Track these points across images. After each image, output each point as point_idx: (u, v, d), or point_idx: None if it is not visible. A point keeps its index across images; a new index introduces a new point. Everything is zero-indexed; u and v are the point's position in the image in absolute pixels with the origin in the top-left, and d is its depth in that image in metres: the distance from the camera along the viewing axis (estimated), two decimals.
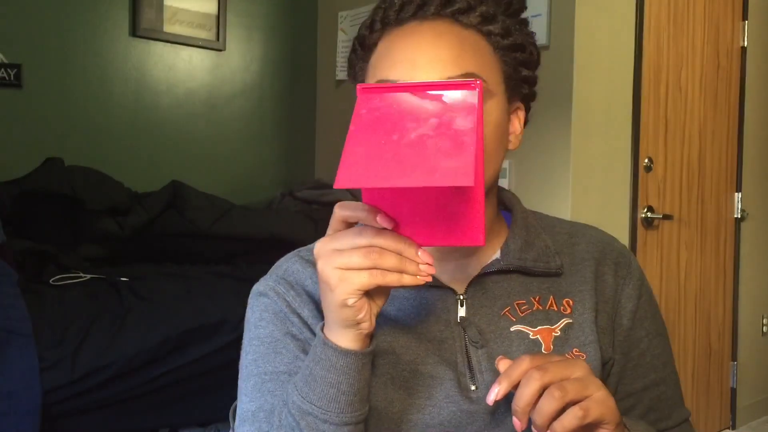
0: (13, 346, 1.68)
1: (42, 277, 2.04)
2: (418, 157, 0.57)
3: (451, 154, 0.56)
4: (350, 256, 0.62)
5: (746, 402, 3.41)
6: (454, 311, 0.81)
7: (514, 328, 0.81)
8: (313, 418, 0.70)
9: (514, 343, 0.80)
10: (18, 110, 2.57)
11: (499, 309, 0.81)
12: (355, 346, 0.68)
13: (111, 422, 1.85)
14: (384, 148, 0.58)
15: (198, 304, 1.96)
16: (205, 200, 2.52)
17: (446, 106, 0.60)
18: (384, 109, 0.62)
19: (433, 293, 0.82)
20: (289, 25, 3.29)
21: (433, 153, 0.56)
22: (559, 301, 0.83)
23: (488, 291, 0.82)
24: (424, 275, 0.62)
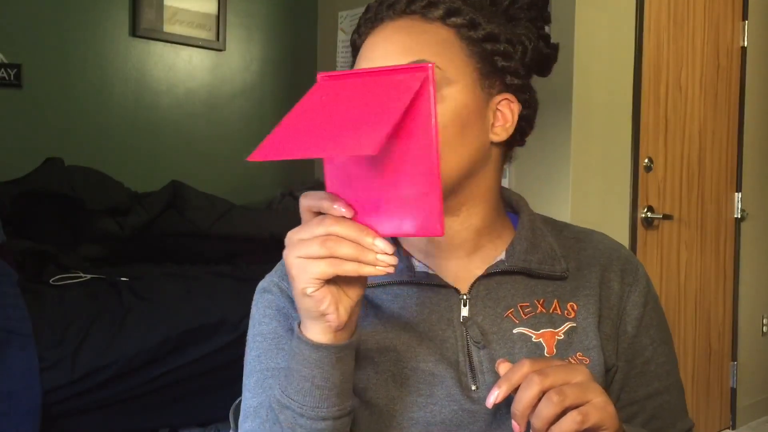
0: (13, 346, 1.68)
1: (42, 277, 2.04)
2: (336, 132, 0.57)
3: (369, 128, 0.56)
4: (309, 245, 0.62)
5: (746, 402, 3.41)
6: (457, 310, 0.81)
7: (516, 330, 0.81)
8: (291, 412, 0.70)
9: (516, 345, 0.80)
10: (18, 110, 2.57)
11: (502, 310, 0.81)
12: (325, 340, 0.67)
13: (111, 422, 1.85)
14: (309, 125, 0.59)
15: (198, 304, 1.96)
16: (205, 200, 2.52)
17: (390, 89, 0.60)
18: (332, 94, 0.63)
19: (437, 292, 0.82)
20: (289, 25, 3.29)
21: (352, 128, 0.57)
22: (563, 305, 0.83)
23: (492, 292, 0.82)
24: (383, 265, 0.62)
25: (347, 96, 0.62)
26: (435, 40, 0.78)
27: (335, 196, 0.63)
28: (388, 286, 0.82)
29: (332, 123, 0.59)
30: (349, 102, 0.61)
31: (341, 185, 0.63)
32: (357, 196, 0.62)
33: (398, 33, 0.79)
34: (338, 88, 0.63)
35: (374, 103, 0.59)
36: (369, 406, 0.78)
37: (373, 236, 0.62)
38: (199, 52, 3.01)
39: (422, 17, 0.79)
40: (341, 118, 0.59)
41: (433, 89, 0.59)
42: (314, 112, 0.61)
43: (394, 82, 0.60)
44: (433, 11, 0.79)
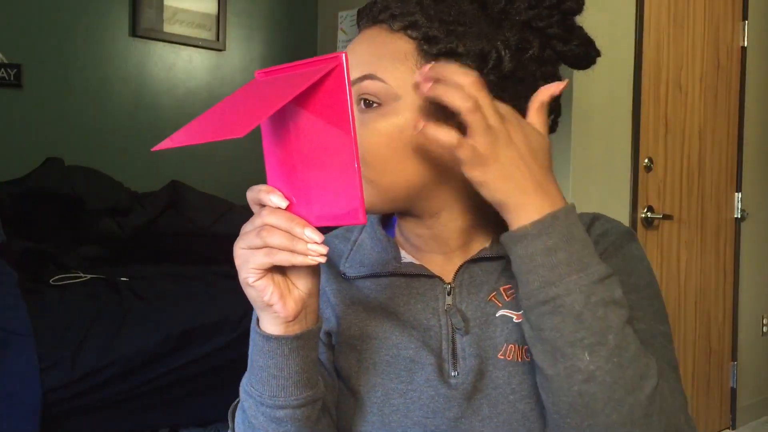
0: (13, 346, 1.68)
1: (42, 277, 2.04)
2: (224, 119, 0.59)
3: (250, 113, 0.57)
4: (249, 237, 0.65)
5: (746, 402, 3.42)
6: (442, 299, 0.82)
7: (499, 313, 0.81)
8: (253, 401, 0.72)
9: (498, 327, 0.80)
10: (18, 110, 2.57)
11: (485, 295, 0.82)
12: (276, 331, 0.69)
13: (111, 422, 1.85)
14: (213, 116, 0.61)
15: (198, 304, 1.96)
16: (205, 200, 2.52)
17: (303, 79, 0.61)
18: (257, 88, 0.64)
19: (423, 282, 0.83)
20: (289, 25, 3.30)
21: (238, 115, 0.59)
22: None
23: (475, 278, 0.83)
24: (313, 254, 0.63)
25: (265, 88, 0.63)
26: (392, 53, 0.77)
27: (272, 188, 0.65)
28: (376, 278, 0.84)
29: (229, 111, 0.61)
30: (260, 93, 0.63)
31: (279, 177, 0.65)
32: (292, 187, 0.65)
33: (362, 44, 0.79)
34: (266, 82, 0.65)
35: (278, 92, 0.61)
36: (353, 393, 0.80)
37: (302, 226, 0.63)
38: (199, 52, 3.01)
39: (389, 28, 0.79)
40: (239, 107, 0.61)
41: (347, 78, 0.61)
42: (226, 104, 0.63)
43: (310, 72, 0.62)
44: (394, 22, 0.79)
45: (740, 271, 3.37)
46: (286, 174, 0.65)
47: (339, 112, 0.61)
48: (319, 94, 0.61)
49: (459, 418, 0.78)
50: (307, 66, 0.63)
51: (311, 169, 0.63)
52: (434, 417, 0.78)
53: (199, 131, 0.59)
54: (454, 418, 0.78)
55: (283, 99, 0.59)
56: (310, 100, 0.62)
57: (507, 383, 0.78)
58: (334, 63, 0.61)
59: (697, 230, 3.13)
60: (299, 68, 0.64)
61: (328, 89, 0.61)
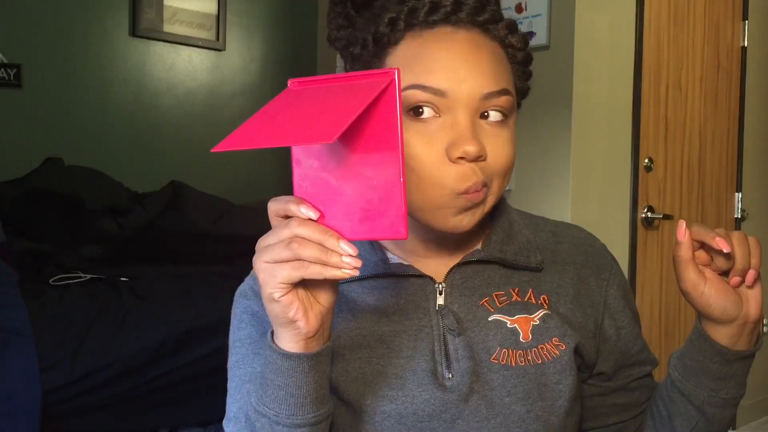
0: (13, 346, 1.68)
1: (42, 277, 2.04)
2: (298, 124, 0.58)
3: (329, 121, 0.56)
4: (275, 249, 0.62)
5: (746, 402, 3.41)
6: (433, 299, 0.81)
7: (492, 317, 0.81)
8: (267, 420, 0.70)
9: (491, 331, 0.80)
10: (18, 110, 2.57)
11: (477, 299, 0.82)
12: (296, 348, 0.66)
13: (111, 422, 1.85)
14: (275, 121, 0.60)
15: (198, 304, 1.96)
16: (205, 200, 2.52)
17: (356, 91, 0.60)
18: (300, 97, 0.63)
19: (413, 283, 0.82)
20: (289, 25, 3.29)
21: (313, 121, 0.57)
22: (537, 296, 0.84)
23: (467, 280, 0.82)
24: (348, 267, 0.61)
25: (313, 97, 0.62)
26: (504, 65, 0.76)
27: (301, 199, 0.63)
28: (363, 280, 0.82)
29: (296, 118, 0.59)
30: (314, 101, 0.61)
31: (308, 188, 0.63)
32: (323, 199, 0.63)
33: (480, 51, 0.74)
34: (306, 92, 0.64)
35: (338, 102, 0.60)
36: (343, 402, 0.78)
37: (337, 238, 0.61)
38: (199, 52, 3.01)
39: (485, 32, 0.76)
40: (305, 114, 0.60)
41: (399, 93, 0.60)
42: (280, 110, 0.61)
43: (360, 86, 0.60)
44: (497, 28, 0.76)
45: None
46: (317, 185, 0.63)
47: (387, 126, 0.60)
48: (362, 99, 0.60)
49: (456, 419, 0.77)
50: (353, 79, 0.62)
51: (348, 180, 0.61)
52: (430, 420, 0.77)
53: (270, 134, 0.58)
54: (450, 420, 0.77)
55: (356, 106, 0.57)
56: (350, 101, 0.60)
57: (502, 386, 0.78)
58: (387, 79, 0.60)
59: None
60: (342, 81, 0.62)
61: (377, 103, 0.60)
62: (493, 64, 0.74)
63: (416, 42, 0.75)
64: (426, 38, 0.74)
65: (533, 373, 0.79)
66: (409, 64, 0.74)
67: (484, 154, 0.73)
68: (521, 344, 0.80)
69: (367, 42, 0.77)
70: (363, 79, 0.61)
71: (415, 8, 0.74)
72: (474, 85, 0.72)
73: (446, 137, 0.72)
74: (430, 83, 0.72)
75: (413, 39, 0.75)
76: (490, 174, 0.74)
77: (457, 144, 0.71)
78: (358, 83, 0.61)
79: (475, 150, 0.71)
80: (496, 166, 0.74)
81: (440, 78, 0.72)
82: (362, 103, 0.57)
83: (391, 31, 0.75)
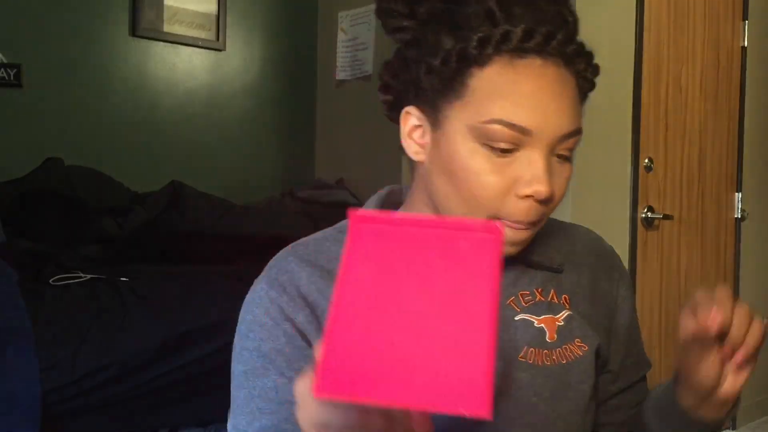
0: (13, 346, 1.68)
1: (42, 277, 2.04)
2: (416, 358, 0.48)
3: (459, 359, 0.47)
4: None
5: (746, 402, 3.41)
6: None
7: (518, 317, 0.81)
8: None
9: (519, 330, 0.80)
10: (18, 110, 2.57)
11: (504, 298, 0.81)
12: None
13: (111, 422, 1.84)
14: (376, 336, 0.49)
15: (198, 304, 1.96)
16: (205, 200, 2.52)
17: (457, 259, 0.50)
18: (380, 256, 0.51)
19: None
20: (289, 25, 3.29)
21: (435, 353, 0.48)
22: (559, 296, 0.85)
23: None
24: None
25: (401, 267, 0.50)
26: (578, 101, 0.75)
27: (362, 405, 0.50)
28: None
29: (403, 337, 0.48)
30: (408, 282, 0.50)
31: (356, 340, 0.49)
32: (381, 355, 0.49)
33: (564, 87, 0.73)
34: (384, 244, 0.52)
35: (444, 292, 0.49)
36: None
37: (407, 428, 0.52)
38: (199, 52, 3.01)
39: (567, 65, 0.74)
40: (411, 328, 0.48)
41: (501, 254, 0.51)
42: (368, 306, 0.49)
43: (458, 246, 0.50)
44: (578, 62, 0.75)
45: (740, 271, 3.37)
46: (369, 337, 0.49)
47: (480, 284, 0.49)
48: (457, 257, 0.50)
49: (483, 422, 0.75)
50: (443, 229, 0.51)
51: (418, 338, 0.49)
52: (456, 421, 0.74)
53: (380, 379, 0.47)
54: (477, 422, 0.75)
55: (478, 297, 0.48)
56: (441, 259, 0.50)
57: (530, 385, 0.78)
58: (492, 238, 0.50)
59: (697, 230, 3.13)
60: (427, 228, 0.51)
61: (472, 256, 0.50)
62: (574, 102, 0.74)
63: (505, 70, 0.71)
64: (516, 68, 0.71)
65: (558, 373, 0.80)
66: (496, 94, 0.71)
67: (553, 197, 0.73)
68: (547, 344, 0.81)
69: (450, 57, 0.72)
70: (457, 232, 0.51)
71: (508, 33, 0.70)
72: (558, 125, 0.72)
73: (519, 172, 0.72)
74: (517, 121, 0.70)
75: (502, 66, 0.71)
76: (545, 211, 0.75)
77: (531, 183, 0.71)
78: (453, 239, 0.51)
79: (547, 193, 0.71)
80: (552, 204, 0.75)
81: (528, 117, 0.70)
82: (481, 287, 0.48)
83: (480, 52, 0.71)
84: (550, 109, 0.71)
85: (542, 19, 0.71)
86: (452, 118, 0.73)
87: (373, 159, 2.96)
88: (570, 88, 0.74)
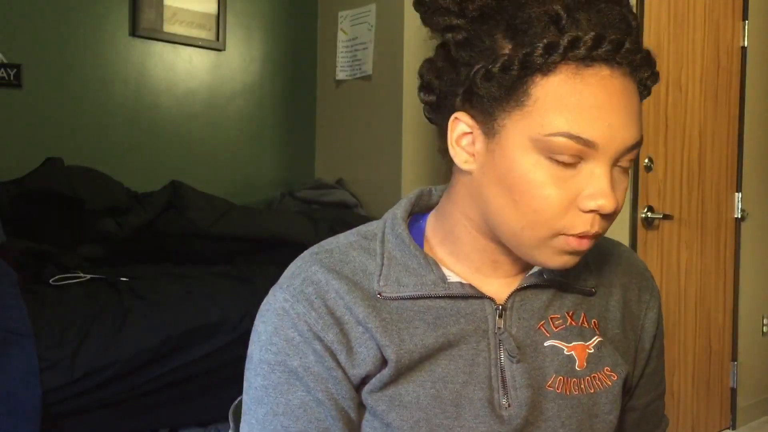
0: (13, 346, 1.68)
1: (42, 277, 2.04)
2: None
3: None
4: None
5: (746, 402, 3.41)
6: (492, 321, 0.77)
7: (548, 342, 0.78)
8: None
9: (548, 357, 0.78)
10: (18, 110, 2.57)
11: (535, 322, 0.78)
12: None
13: (111, 422, 1.84)
14: None
15: (198, 304, 1.96)
16: (205, 200, 2.52)
17: None
18: None
19: (471, 303, 0.77)
20: (289, 25, 3.29)
21: None
22: (589, 320, 0.81)
23: (526, 303, 0.79)
24: None
25: None
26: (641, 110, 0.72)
27: None
28: (419, 299, 0.76)
29: None
30: None
31: None
32: None
33: (631, 99, 0.69)
34: None
35: None
36: (392, 430, 0.74)
37: None
38: (199, 52, 3.01)
39: (631, 72, 0.69)
40: None
41: None
42: None
43: None
44: (642, 71, 0.70)
45: (740, 271, 3.37)
46: None
47: None
48: None
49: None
50: None
51: None
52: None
53: None
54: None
55: None
56: None
57: (557, 416, 0.76)
58: None
59: (697, 230, 3.13)
60: None
61: None
62: (637, 112, 0.70)
63: (571, 79, 0.67)
64: (584, 78, 0.67)
65: (586, 403, 0.77)
66: (561, 105, 0.67)
67: (617, 210, 0.70)
68: (576, 372, 0.78)
69: (512, 64, 0.67)
70: None
71: (577, 40, 0.65)
72: (624, 137, 0.69)
73: (582, 185, 0.69)
74: (583, 134, 0.67)
75: (568, 75, 0.67)
76: (608, 225, 0.72)
77: (595, 196, 0.68)
78: None
79: (611, 208, 0.69)
80: (613, 215, 0.72)
81: (596, 130, 0.67)
82: None
83: (546, 59, 0.66)
84: (617, 122, 0.67)
85: (608, 24, 0.67)
86: (511, 128, 0.69)
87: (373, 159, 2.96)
88: (634, 97, 0.69)
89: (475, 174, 0.73)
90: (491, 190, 0.71)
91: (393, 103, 2.85)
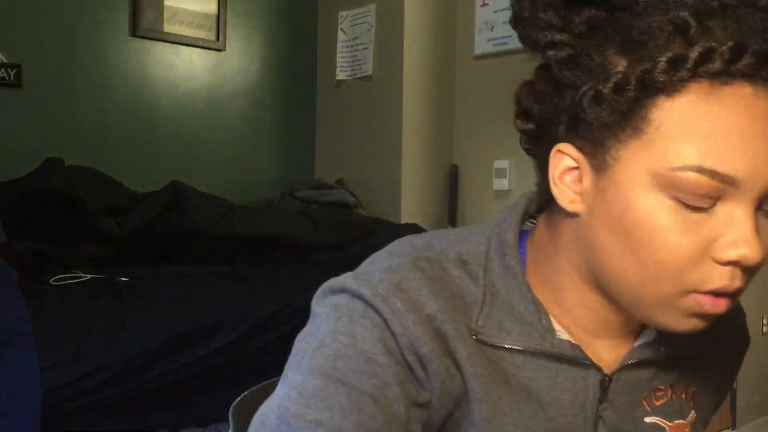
0: (13, 346, 1.68)
1: (42, 277, 2.04)
2: None
3: None
4: None
5: (746, 402, 3.42)
6: (593, 392, 0.65)
7: (649, 419, 0.68)
8: None
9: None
10: (18, 110, 2.57)
11: (639, 394, 0.68)
12: None
13: (111, 422, 1.85)
14: None
15: (198, 304, 1.96)
16: (205, 200, 2.52)
17: None
18: None
19: (575, 366, 0.65)
20: (289, 25, 3.30)
21: None
22: (687, 390, 0.71)
23: (633, 373, 0.67)
24: None
25: None
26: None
27: None
28: (526, 352, 0.64)
29: None
30: None
31: None
32: None
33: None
34: None
35: None
36: None
37: None
38: (199, 52, 3.01)
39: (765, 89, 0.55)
40: None
41: None
42: None
43: None
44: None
45: None
46: None
47: None
48: None
49: None
50: None
51: None
52: None
53: None
54: None
55: None
56: None
57: None
58: None
59: None
60: None
61: None
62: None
63: (704, 101, 0.54)
64: (720, 99, 0.54)
65: None
66: (691, 132, 0.54)
67: (762, 262, 0.56)
68: None
69: (627, 83, 0.55)
70: None
71: (710, 51, 0.53)
72: None
73: (716, 230, 0.55)
74: (721, 168, 0.53)
75: (700, 96, 0.54)
76: (748, 278, 0.58)
77: (737, 245, 0.54)
78: None
79: (756, 258, 0.55)
80: (757, 268, 0.57)
81: (735, 162, 0.53)
82: None
83: (671, 76, 0.54)
84: (763, 152, 0.54)
85: (749, 32, 0.53)
86: (627, 161, 0.56)
87: (373, 159, 2.96)
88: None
89: (583, 216, 0.60)
90: (602, 237, 0.59)
91: (393, 103, 2.85)
